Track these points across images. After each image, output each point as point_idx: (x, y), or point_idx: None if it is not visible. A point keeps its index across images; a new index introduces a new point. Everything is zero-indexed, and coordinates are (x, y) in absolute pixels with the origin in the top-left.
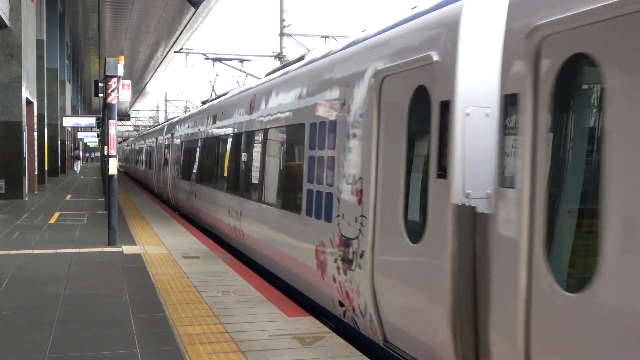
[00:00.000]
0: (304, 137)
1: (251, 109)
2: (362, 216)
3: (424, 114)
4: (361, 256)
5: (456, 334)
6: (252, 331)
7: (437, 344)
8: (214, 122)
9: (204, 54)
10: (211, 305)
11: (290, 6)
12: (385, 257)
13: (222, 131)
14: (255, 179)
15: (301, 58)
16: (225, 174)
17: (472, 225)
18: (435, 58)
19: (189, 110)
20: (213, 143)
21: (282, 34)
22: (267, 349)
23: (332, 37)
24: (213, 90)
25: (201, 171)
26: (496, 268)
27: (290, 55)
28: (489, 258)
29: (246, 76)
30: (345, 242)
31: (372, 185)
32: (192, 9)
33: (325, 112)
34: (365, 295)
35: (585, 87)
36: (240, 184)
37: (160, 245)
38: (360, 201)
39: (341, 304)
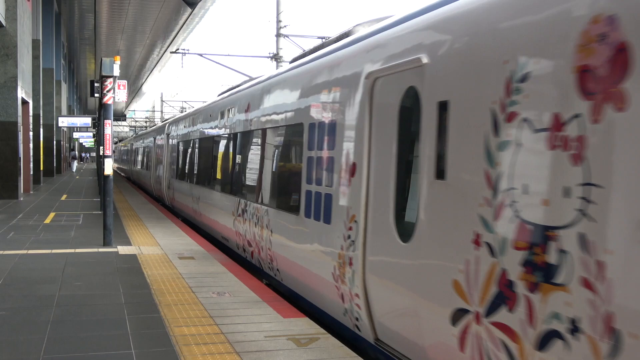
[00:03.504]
0: None
1: None
2: None
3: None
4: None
5: None
6: (248, 332)
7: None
8: None
9: (200, 54)
10: (206, 306)
11: (287, 7)
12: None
13: None
14: None
15: None
16: None
17: None
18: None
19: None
20: None
21: (278, 35)
22: (262, 350)
23: (331, 37)
24: None
25: None
26: None
27: (287, 56)
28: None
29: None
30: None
31: None
32: (189, 10)
33: None
34: None
35: None
36: None
37: (155, 246)
38: None
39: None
